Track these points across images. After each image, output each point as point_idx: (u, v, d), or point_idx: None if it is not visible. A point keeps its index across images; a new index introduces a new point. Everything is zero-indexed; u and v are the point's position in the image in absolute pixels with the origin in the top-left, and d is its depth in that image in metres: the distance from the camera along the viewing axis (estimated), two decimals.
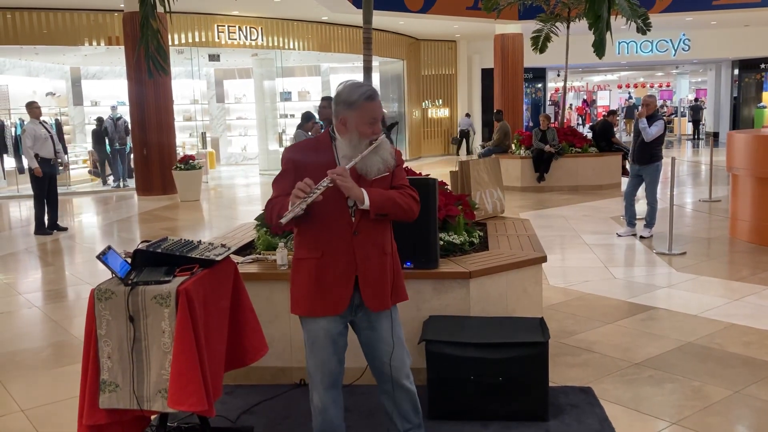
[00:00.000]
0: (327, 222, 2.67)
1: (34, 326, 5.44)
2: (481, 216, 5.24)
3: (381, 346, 2.80)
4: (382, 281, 2.73)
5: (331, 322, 2.74)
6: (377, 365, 2.84)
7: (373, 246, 2.71)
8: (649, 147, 7.70)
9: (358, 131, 2.62)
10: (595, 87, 37.68)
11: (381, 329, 2.79)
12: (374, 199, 2.61)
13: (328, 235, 2.68)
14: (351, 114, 2.62)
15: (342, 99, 2.64)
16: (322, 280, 2.70)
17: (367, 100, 2.61)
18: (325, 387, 2.79)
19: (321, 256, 2.69)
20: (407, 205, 2.70)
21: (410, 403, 2.90)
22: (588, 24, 4.11)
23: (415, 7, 16.15)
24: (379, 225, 2.71)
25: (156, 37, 4.69)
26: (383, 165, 2.68)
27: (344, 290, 2.70)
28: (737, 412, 3.53)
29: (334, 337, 2.75)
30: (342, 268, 2.68)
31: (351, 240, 2.67)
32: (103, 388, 2.76)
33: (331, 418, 2.82)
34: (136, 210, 11.91)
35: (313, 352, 2.77)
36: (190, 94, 18.01)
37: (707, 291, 5.75)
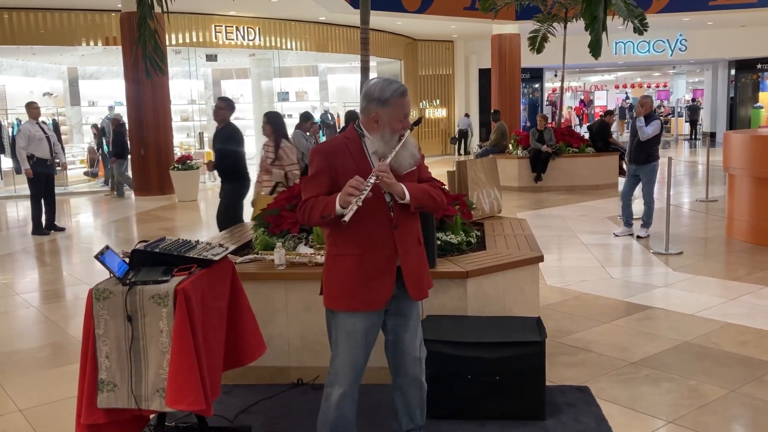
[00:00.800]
0: (366, 218, 2.67)
1: (31, 326, 5.44)
2: (479, 216, 5.26)
3: (407, 336, 2.86)
4: (420, 271, 2.82)
5: (371, 316, 2.76)
6: (398, 356, 2.89)
7: (411, 238, 2.79)
8: (645, 147, 7.71)
9: (390, 127, 2.67)
10: (592, 87, 37.73)
11: (410, 319, 2.86)
12: (414, 194, 2.69)
13: (368, 231, 2.70)
14: (384, 110, 2.67)
15: (375, 96, 2.67)
16: (365, 276, 2.71)
17: (400, 96, 2.68)
18: (350, 382, 2.78)
19: (362, 252, 2.71)
20: (439, 197, 2.81)
21: (420, 402, 2.96)
22: (584, 24, 4.12)
23: (412, 7, 16.17)
24: (414, 217, 2.80)
25: (153, 38, 4.70)
26: (412, 159, 2.75)
27: (388, 284, 2.74)
28: (733, 411, 3.55)
29: (370, 331, 2.78)
30: (385, 262, 2.72)
31: (392, 234, 2.72)
32: (101, 388, 2.77)
33: (346, 414, 2.82)
34: (133, 210, 11.90)
35: (347, 347, 2.75)
36: (188, 94, 18.00)
37: (704, 290, 5.77)
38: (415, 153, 2.76)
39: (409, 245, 2.77)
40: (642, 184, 7.90)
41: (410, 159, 2.73)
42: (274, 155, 6.20)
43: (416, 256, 2.81)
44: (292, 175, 6.10)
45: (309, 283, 3.84)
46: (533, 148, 12.43)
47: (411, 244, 2.78)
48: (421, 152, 2.88)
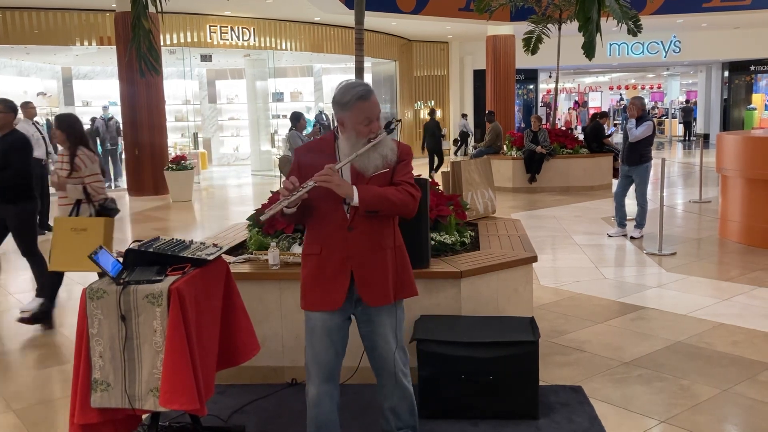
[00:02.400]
0: (324, 218, 2.73)
1: (25, 326, 5.42)
2: (473, 216, 5.27)
3: (379, 342, 2.83)
4: (379, 276, 2.75)
5: (330, 316, 2.77)
6: (376, 360, 2.87)
7: (369, 241, 2.73)
8: (638, 148, 7.75)
9: (355, 131, 2.66)
10: (586, 88, 37.80)
11: (380, 324, 2.81)
12: (363, 197, 2.62)
13: (326, 231, 2.74)
14: (346, 114, 2.66)
15: (336, 100, 2.68)
16: (321, 276, 2.75)
17: (360, 100, 2.63)
18: (321, 380, 2.81)
19: (320, 252, 2.75)
20: (401, 201, 2.69)
21: (406, 403, 2.93)
22: (578, 25, 4.14)
23: (407, 8, 16.18)
24: (375, 220, 2.72)
25: (148, 37, 4.69)
26: (382, 161, 2.69)
27: (340, 285, 2.73)
28: (725, 410, 3.57)
29: (331, 329, 2.78)
30: (337, 263, 2.72)
31: (346, 236, 2.70)
32: (94, 387, 2.77)
33: (325, 412, 2.84)
34: (127, 210, 11.87)
35: (311, 344, 2.81)
36: (182, 94, 17.97)
37: (696, 291, 5.80)
38: (387, 155, 2.69)
39: (365, 248, 2.72)
40: (635, 185, 7.94)
41: (379, 161, 2.68)
42: (69, 167, 5.03)
43: (375, 259, 2.73)
44: (95, 188, 5.05)
45: None
46: (528, 149, 12.46)
47: (368, 248, 2.72)
48: (407, 154, 2.79)
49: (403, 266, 2.84)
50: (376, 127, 2.68)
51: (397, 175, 2.75)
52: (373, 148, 2.66)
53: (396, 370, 2.85)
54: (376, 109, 2.69)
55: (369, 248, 2.73)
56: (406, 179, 2.75)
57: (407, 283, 2.86)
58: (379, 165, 2.69)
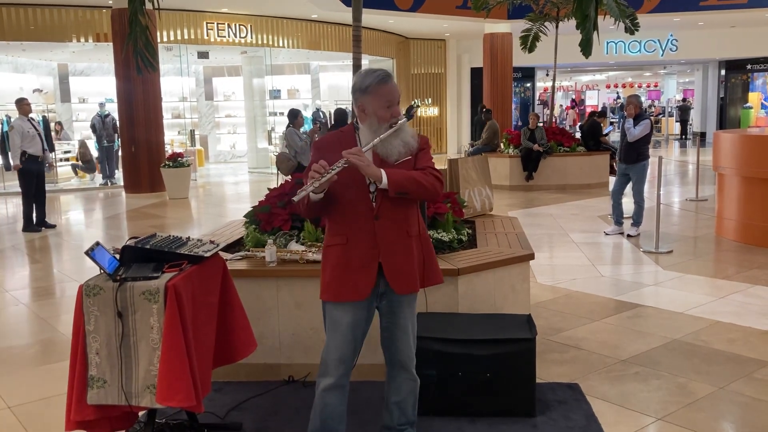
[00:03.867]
0: (350, 208, 2.71)
1: (21, 323, 5.41)
2: (470, 214, 5.27)
3: (399, 334, 2.84)
4: (408, 264, 2.75)
5: (356, 308, 2.75)
6: (392, 352, 2.88)
7: (396, 229, 2.72)
8: (635, 146, 7.76)
9: (376, 116, 2.65)
10: (583, 87, 37.83)
11: (403, 316, 2.83)
12: (393, 178, 2.61)
13: (351, 221, 2.71)
14: (367, 99, 2.65)
15: (357, 86, 2.69)
16: (348, 266, 2.72)
17: (380, 83, 2.64)
18: (339, 373, 2.78)
19: (346, 242, 2.72)
20: (429, 183, 2.68)
21: (412, 397, 2.96)
22: (576, 23, 4.14)
23: (404, 5, 16.15)
24: (401, 208, 2.71)
25: (144, 34, 4.68)
26: (404, 148, 2.69)
27: (368, 275, 2.71)
28: (721, 407, 3.57)
29: (357, 323, 2.77)
30: (365, 252, 2.70)
31: (372, 224, 2.69)
32: (91, 384, 2.76)
33: (336, 404, 2.82)
34: (124, 207, 11.86)
35: (333, 337, 2.77)
36: (179, 91, 17.93)
37: (693, 289, 5.81)
38: (409, 141, 2.70)
39: (393, 236, 2.71)
40: (632, 183, 7.95)
41: (402, 147, 2.68)
42: None
43: (402, 248, 2.73)
44: None
45: (300, 280, 3.85)
46: (525, 147, 12.46)
47: (396, 236, 2.71)
48: (427, 143, 2.80)
49: (428, 254, 2.85)
50: (396, 111, 2.69)
51: (419, 162, 2.74)
52: (395, 134, 2.66)
53: (411, 363, 2.88)
54: (397, 93, 2.69)
55: (396, 236, 2.72)
56: (429, 164, 2.75)
57: (434, 271, 2.87)
58: (402, 151, 2.68)
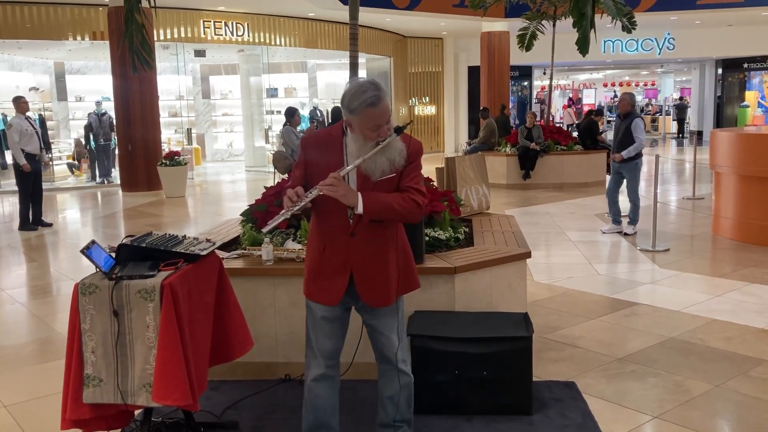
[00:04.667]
0: (328, 220, 2.73)
1: (17, 322, 5.40)
2: (467, 212, 5.27)
3: (380, 334, 2.85)
4: (381, 280, 2.74)
5: (328, 309, 2.79)
6: (377, 348, 2.90)
7: (370, 247, 2.71)
8: (627, 145, 7.81)
9: (362, 135, 2.62)
10: (580, 85, 37.84)
11: (381, 317, 2.83)
12: (368, 207, 2.59)
13: (329, 233, 2.74)
14: (354, 119, 2.60)
15: (345, 104, 2.63)
16: (321, 273, 2.76)
17: (369, 107, 2.56)
18: (321, 367, 2.84)
19: (323, 251, 2.75)
20: (405, 210, 2.65)
21: (405, 392, 2.95)
22: (573, 22, 4.13)
23: (401, 4, 16.14)
24: (379, 226, 2.70)
25: (141, 32, 4.66)
26: (389, 166, 2.64)
27: (338, 286, 2.74)
28: (718, 405, 3.58)
29: (332, 320, 2.81)
30: (337, 265, 2.73)
31: (347, 240, 2.70)
32: (86, 383, 2.75)
33: (324, 397, 2.86)
34: (120, 206, 11.84)
35: (312, 330, 2.84)
36: (176, 89, 17.90)
37: (690, 287, 5.82)
38: (395, 159, 2.64)
39: (367, 253, 2.70)
40: (626, 182, 7.99)
41: (386, 165, 2.63)
42: None
43: (377, 264, 2.72)
44: None
45: (297, 278, 3.84)
46: (522, 146, 12.47)
47: (370, 253, 2.71)
48: (416, 155, 2.72)
49: (405, 265, 2.83)
50: (384, 132, 2.62)
51: (404, 180, 2.68)
52: (381, 151, 2.61)
53: (398, 362, 2.88)
54: (386, 114, 2.61)
55: (371, 252, 2.72)
56: (413, 185, 2.69)
57: (411, 279, 2.87)
58: (386, 170, 2.64)
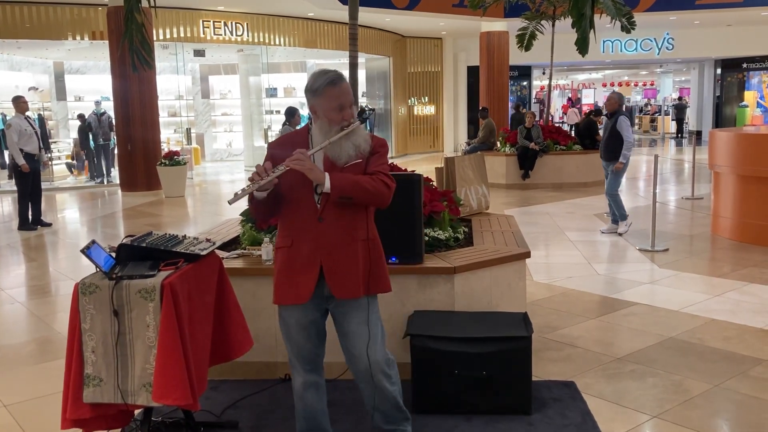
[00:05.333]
0: (295, 209, 2.71)
1: (17, 322, 5.40)
2: (466, 212, 5.27)
3: (348, 340, 2.78)
4: (350, 269, 2.69)
5: (301, 310, 2.76)
6: (352, 362, 2.82)
7: (340, 233, 2.68)
8: (610, 144, 7.86)
9: (327, 118, 2.64)
10: (580, 85, 37.85)
11: (351, 320, 2.76)
12: (336, 183, 2.57)
13: (297, 223, 2.71)
14: (317, 101, 2.65)
15: (307, 87, 2.68)
16: (291, 269, 2.72)
17: (330, 85, 2.61)
18: (305, 371, 2.83)
19: (291, 245, 2.72)
20: (375, 189, 2.62)
21: (388, 403, 2.87)
22: (572, 22, 4.14)
23: (401, 4, 16.15)
24: (347, 211, 2.67)
25: (140, 32, 4.67)
26: (355, 151, 2.65)
27: (309, 278, 2.70)
28: (717, 405, 3.58)
29: (305, 324, 2.78)
30: (306, 255, 2.69)
31: (316, 226, 2.67)
32: (87, 383, 2.76)
33: (311, 403, 2.85)
34: (120, 206, 11.84)
35: (288, 338, 2.83)
36: (175, 89, 17.90)
37: (689, 287, 5.82)
38: (360, 144, 2.66)
39: (336, 239, 2.67)
40: (609, 178, 8.05)
41: (352, 150, 2.64)
42: None
43: (346, 251, 2.68)
44: None
45: None
46: (521, 146, 12.47)
47: (340, 239, 2.67)
48: (381, 146, 2.74)
49: (376, 259, 2.77)
50: (348, 114, 2.65)
51: (371, 166, 2.69)
52: (346, 136, 2.63)
53: (373, 371, 2.77)
54: (348, 96, 2.65)
55: (339, 240, 2.68)
56: (380, 170, 2.69)
57: (381, 278, 2.79)
58: (352, 154, 2.65)
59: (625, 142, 7.75)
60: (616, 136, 7.82)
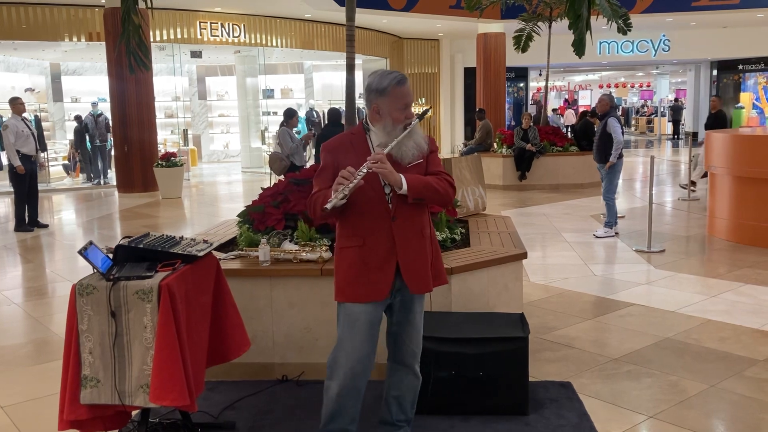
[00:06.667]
0: (366, 210, 2.72)
1: (13, 323, 5.39)
2: (463, 213, 5.28)
3: (409, 330, 2.88)
4: (422, 264, 2.79)
5: (373, 307, 2.77)
6: (399, 347, 2.91)
7: (411, 230, 2.76)
8: (604, 145, 7.89)
9: (391, 117, 2.69)
10: (576, 87, 37.93)
11: (414, 312, 2.87)
12: (412, 184, 2.66)
13: (368, 223, 2.73)
14: (383, 101, 2.69)
15: (373, 87, 2.72)
16: (366, 267, 2.74)
17: (398, 85, 2.70)
18: (351, 375, 2.76)
19: (362, 244, 2.74)
20: (444, 189, 2.75)
21: (411, 393, 2.99)
22: (568, 23, 4.15)
23: (398, 5, 16.16)
24: (416, 209, 2.76)
25: (137, 33, 4.67)
26: (417, 150, 2.73)
27: (387, 275, 2.74)
28: (713, 405, 3.60)
29: (374, 322, 2.80)
30: (383, 253, 2.73)
31: (390, 225, 2.72)
32: (84, 384, 2.76)
33: (348, 407, 2.80)
34: (116, 207, 11.82)
35: (350, 337, 2.76)
36: (172, 90, 17.89)
37: (685, 288, 5.84)
38: (421, 143, 2.75)
39: (409, 237, 2.76)
40: (603, 181, 8.06)
41: (415, 149, 2.72)
42: None
43: (418, 248, 2.78)
44: None
45: (293, 279, 3.85)
46: (518, 147, 12.49)
47: (412, 236, 2.76)
48: (435, 145, 2.87)
49: (437, 255, 2.91)
50: (411, 113, 2.74)
51: (431, 166, 2.80)
52: (409, 135, 2.70)
53: (417, 359, 2.92)
54: (411, 95, 2.77)
55: (412, 237, 2.77)
56: (441, 169, 2.82)
57: (441, 272, 2.92)
58: (415, 154, 2.73)
59: (614, 142, 7.78)
60: (607, 137, 7.86)
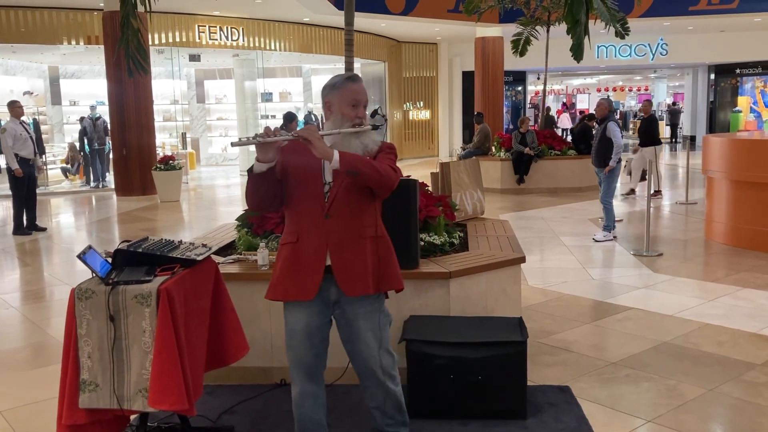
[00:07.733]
0: (302, 206, 2.71)
1: (11, 327, 5.39)
2: (462, 217, 5.29)
3: (359, 347, 2.78)
4: (357, 264, 2.68)
5: (308, 316, 2.74)
6: (358, 364, 2.83)
7: (347, 230, 2.68)
8: (603, 149, 7.89)
9: (341, 112, 2.70)
10: (574, 90, 37.98)
11: (359, 330, 2.76)
12: (345, 157, 2.54)
13: (304, 220, 2.71)
14: (334, 95, 2.72)
15: (328, 84, 2.77)
16: (296, 264, 2.71)
17: (350, 81, 2.72)
18: (303, 380, 2.80)
19: (296, 241, 2.72)
20: (384, 170, 2.61)
21: (392, 402, 2.90)
22: (567, 28, 4.16)
23: (396, 9, 16.20)
24: (355, 208, 2.68)
25: (136, 37, 4.68)
26: (362, 150, 2.68)
27: (315, 274, 2.68)
28: (711, 409, 3.60)
29: (312, 330, 2.76)
30: (313, 252, 2.69)
31: (323, 223, 2.67)
32: (82, 388, 2.76)
33: (307, 412, 2.83)
34: (115, 210, 11.82)
35: (290, 345, 2.79)
36: (171, 94, 17.89)
37: (683, 292, 5.85)
38: (368, 144, 2.69)
39: (343, 237, 2.67)
40: (602, 185, 8.08)
41: (360, 149, 2.66)
42: None
43: (353, 249, 2.67)
44: None
45: None
46: (516, 151, 12.51)
47: (347, 236, 2.67)
48: (390, 148, 2.76)
49: (386, 256, 2.75)
50: (362, 113, 2.74)
51: (377, 160, 2.70)
52: (356, 135, 2.67)
53: (379, 374, 2.80)
54: (364, 95, 2.74)
55: (347, 237, 2.67)
56: (386, 161, 2.70)
57: (391, 276, 2.76)
58: (359, 153, 2.66)
59: (615, 146, 7.79)
60: (606, 141, 7.87)
